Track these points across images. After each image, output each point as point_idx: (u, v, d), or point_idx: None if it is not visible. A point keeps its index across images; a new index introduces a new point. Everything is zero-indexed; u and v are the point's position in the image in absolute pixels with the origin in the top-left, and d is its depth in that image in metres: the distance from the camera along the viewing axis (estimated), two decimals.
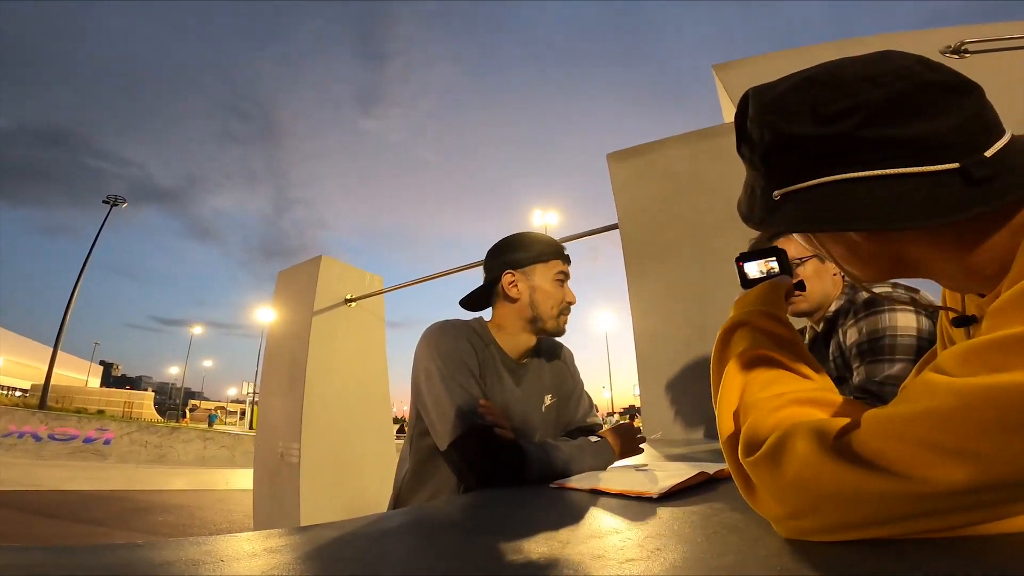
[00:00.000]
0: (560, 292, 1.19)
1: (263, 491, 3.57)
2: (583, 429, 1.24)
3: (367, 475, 3.55)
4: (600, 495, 0.73)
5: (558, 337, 1.25)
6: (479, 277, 1.29)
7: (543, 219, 22.38)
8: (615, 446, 1.08)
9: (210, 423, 29.34)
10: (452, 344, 1.09)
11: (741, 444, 0.45)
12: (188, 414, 36.04)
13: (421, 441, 1.11)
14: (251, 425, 27.70)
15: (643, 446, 1.13)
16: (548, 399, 1.24)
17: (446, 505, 0.88)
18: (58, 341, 21.92)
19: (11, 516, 5.26)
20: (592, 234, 2.75)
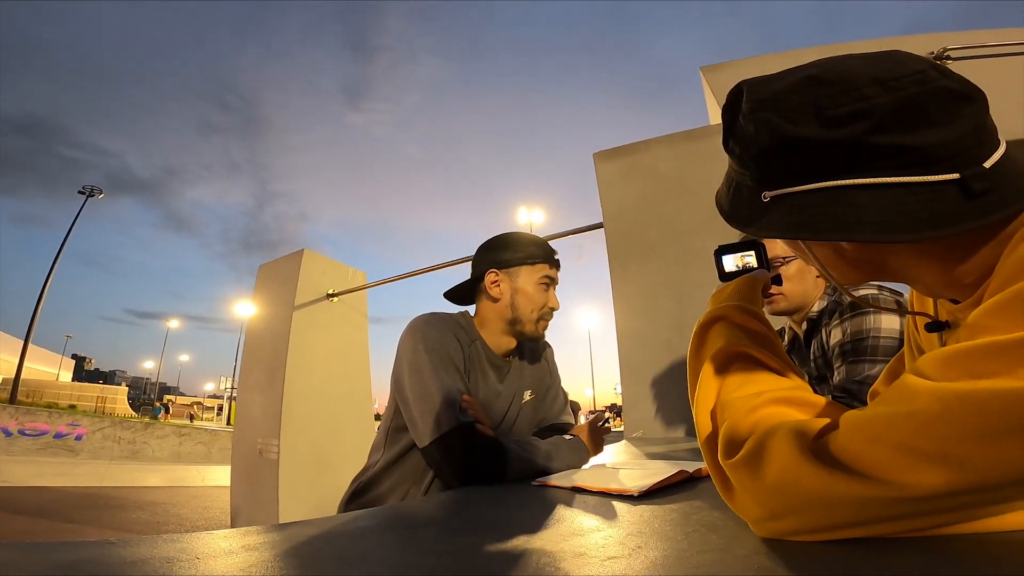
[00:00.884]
0: (543, 296, 1.18)
1: (241, 488, 3.52)
2: (555, 427, 1.24)
3: (347, 472, 3.49)
4: (581, 493, 0.74)
5: (535, 342, 1.25)
6: (463, 274, 1.28)
7: (528, 217, 22.36)
8: (588, 444, 1.09)
9: (154, 415, 25.91)
10: (439, 339, 1.07)
11: (720, 445, 0.45)
12: (170, 409, 34.57)
13: (399, 434, 1.10)
14: (229, 421, 27.20)
15: (623, 443, 1.14)
16: (527, 395, 1.24)
17: (427, 503, 0.87)
18: (29, 334, 21.30)
19: None
20: (577, 232, 2.76)
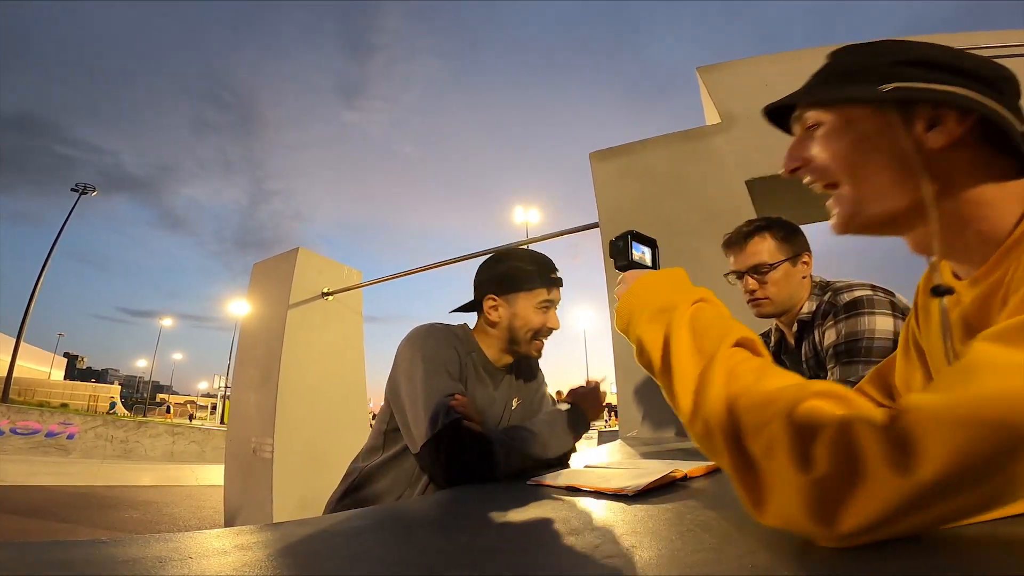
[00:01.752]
0: (540, 319, 1.19)
1: (234, 487, 3.51)
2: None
3: (342, 472, 3.49)
4: (575, 493, 0.74)
5: (531, 358, 1.27)
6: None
7: (525, 216, 22.38)
8: (586, 411, 1.11)
9: (110, 409, 23.61)
10: (435, 350, 1.10)
11: (788, 454, 0.37)
12: (171, 409, 34.02)
13: (395, 434, 1.13)
14: (222, 420, 27.05)
15: (618, 443, 1.15)
16: (515, 402, 1.26)
17: (421, 502, 0.87)
18: (21, 332, 21.11)
19: None
20: (573, 232, 2.77)
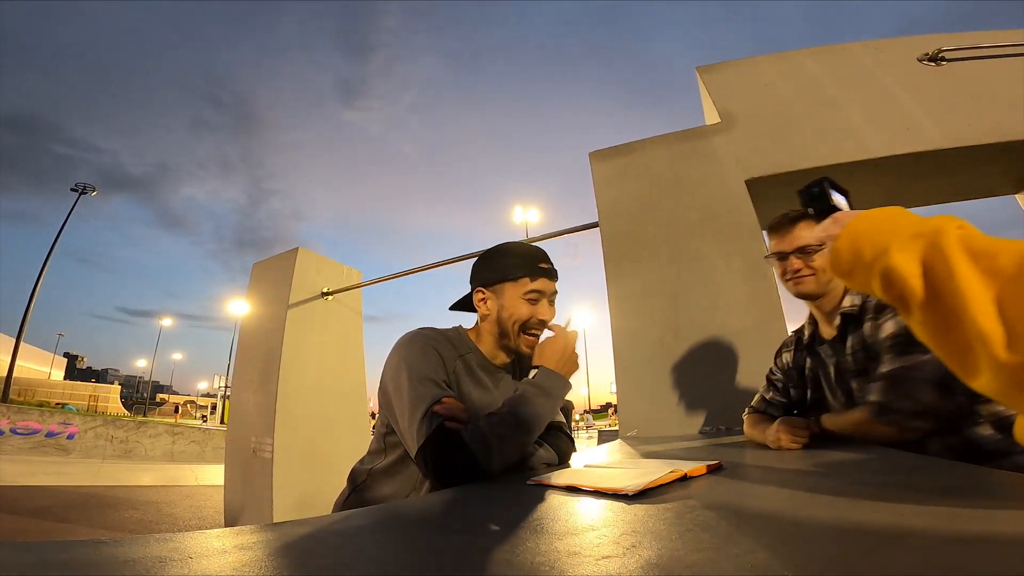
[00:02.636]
0: (527, 309, 1.16)
1: (234, 487, 3.51)
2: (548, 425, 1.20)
3: (342, 471, 3.47)
4: (575, 492, 0.74)
5: (520, 354, 1.22)
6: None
7: (524, 216, 22.34)
8: (552, 366, 1.09)
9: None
10: (420, 356, 1.09)
11: None
12: (179, 409, 33.55)
13: (394, 439, 1.13)
14: (222, 419, 27.03)
15: (618, 442, 1.14)
16: None
17: (420, 502, 0.87)
18: (21, 332, 21.08)
19: None
20: (572, 232, 2.77)
